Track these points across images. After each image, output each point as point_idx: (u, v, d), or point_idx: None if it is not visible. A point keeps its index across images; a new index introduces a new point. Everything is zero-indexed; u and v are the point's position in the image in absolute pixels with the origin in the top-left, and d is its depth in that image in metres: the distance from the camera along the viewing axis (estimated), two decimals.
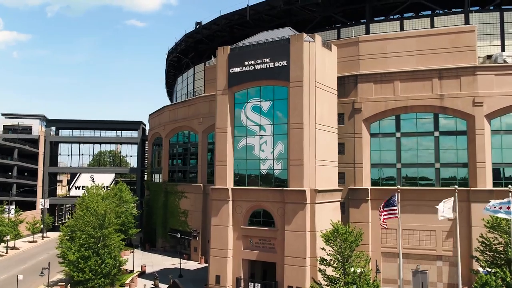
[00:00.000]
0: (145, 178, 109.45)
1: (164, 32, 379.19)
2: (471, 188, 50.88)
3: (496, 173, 51.59)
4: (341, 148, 55.12)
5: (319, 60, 48.17)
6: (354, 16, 65.74)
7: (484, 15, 57.90)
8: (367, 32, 62.18)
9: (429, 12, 62.78)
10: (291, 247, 46.12)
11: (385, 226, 38.93)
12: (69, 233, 54.81)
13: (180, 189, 75.85)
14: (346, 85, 56.19)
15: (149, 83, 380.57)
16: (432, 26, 59.60)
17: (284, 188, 47.18)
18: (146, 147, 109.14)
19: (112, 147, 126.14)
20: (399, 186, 38.40)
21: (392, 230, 53.65)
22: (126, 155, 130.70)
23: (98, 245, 46.34)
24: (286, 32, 51.93)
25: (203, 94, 73.77)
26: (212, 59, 74.83)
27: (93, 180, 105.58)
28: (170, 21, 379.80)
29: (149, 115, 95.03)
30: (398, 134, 55.04)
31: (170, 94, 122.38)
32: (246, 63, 50.49)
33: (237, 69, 51.11)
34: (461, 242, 52.40)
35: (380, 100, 54.95)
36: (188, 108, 75.16)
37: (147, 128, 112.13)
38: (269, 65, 49.05)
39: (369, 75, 55.80)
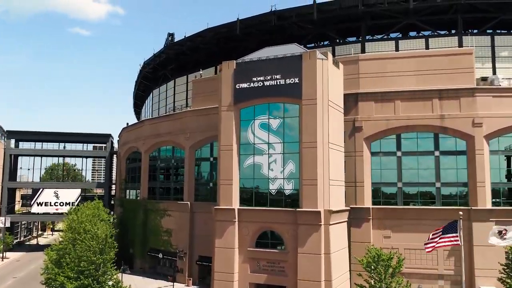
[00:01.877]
0: (113, 194, 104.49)
1: (114, 41, 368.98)
2: (472, 208, 51.59)
3: (495, 192, 52.77)
4: None
5: (331, 78, 47.49)
6: (348, 34, 65.94)
7: (477, 38, 59.64)
8: (363, 50, 62.44)
9: (423, 33, 63.99)
10: (305, 270, 44.61)
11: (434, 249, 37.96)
12: (54, 258, 50.30)
13: (163, 207, 72.33)
14: (346, 103, 55.69)
15: (102, 93, 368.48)
16: (427, 47, 60.75)
17: (297, 209, 45.75)
18: (114, 161, 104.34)
19: (77, 160, 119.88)
20: (461, 212, 37.82)
21: (394, 250, 53.31)
22: (80, 169, 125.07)
23: (99, 272, 42.71)
24: (293, 48, 50.98)
25: (190, 108, 71.11)
26: (201, 71, 72.53)
27: (57, 196, 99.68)
28: (117, 30, 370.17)
29: (123, 128, 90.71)
30: (399, 153, 55.15)
31: (138, 106, 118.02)
32: (254, 79, 48.97)
33: (244, 85, 49.45)
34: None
35: (381, 119, 54.94)
36: (173, 122, 72.09)
37: (115, 141, 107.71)
38: (279, 82, 47.79)
39: (369, 93, 55.75)
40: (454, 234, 32.65)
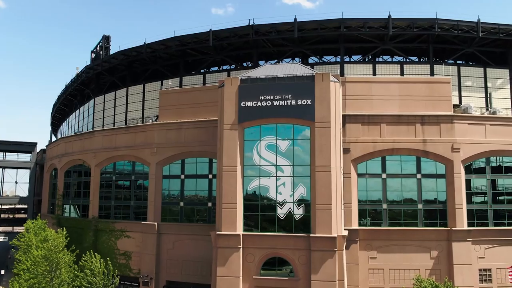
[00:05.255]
0: (38, 210, 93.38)
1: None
2: (452, 228, 54.48)
3: (469, 214, 56.34)
4: None
5: (340, 101, 47.16)
6: (325, 54, 66.46)
7: (446, 67, 63.65)
8: (342, 72, 63.15)
9: (391, 59, 66.91)
10: None
11: None
12: None
13: (120, 227, 65.96)
14: None
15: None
16: (402, 72, 63.39)
17: (311, 235, 44.33)
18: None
19: None
20: None
21: (379, 270, 54.68)
22: None
23: None
24: (295, 67, 49.89)
25: (157, 121, 65.95)
26: (170, 83, 67.74)
27: None
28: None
29: (60, 138, 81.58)
30: (384, 175, 56.46)
31: (63, 113, 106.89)
32: (262, 97, 46.81)
33: (251, 104, 47.04)
34: (443, 280, 55.76)
35: (368, 142, 55.84)
36: (134, 135, 66.23)
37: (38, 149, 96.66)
38: (290, 102, 46.23)
39: (357, 116, 56.34)
40: None
